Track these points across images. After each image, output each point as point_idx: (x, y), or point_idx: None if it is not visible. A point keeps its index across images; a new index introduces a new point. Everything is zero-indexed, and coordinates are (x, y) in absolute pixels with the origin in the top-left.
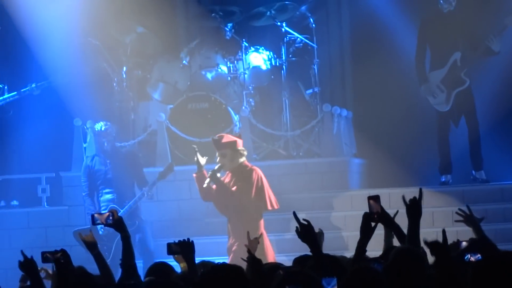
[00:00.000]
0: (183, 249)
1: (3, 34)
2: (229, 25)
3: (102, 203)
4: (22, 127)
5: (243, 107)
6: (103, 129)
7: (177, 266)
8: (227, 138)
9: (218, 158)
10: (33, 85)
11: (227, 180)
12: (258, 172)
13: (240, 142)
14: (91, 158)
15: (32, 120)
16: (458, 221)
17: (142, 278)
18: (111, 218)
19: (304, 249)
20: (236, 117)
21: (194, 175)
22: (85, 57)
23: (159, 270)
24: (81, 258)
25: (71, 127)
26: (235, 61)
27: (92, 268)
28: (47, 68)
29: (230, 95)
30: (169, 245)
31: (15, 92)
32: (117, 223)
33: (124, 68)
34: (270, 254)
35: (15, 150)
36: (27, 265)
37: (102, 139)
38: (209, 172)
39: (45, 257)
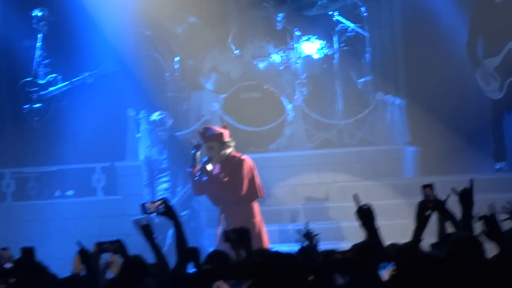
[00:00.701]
0: (240, 237)
1: (56, 24)
2: (280, 14)
3: (159, 192)
4: (76, 117)
5: (296, 96)
6: (158, 118)
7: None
8: (213, 130)
9: (206, 151)
10: (86, 74)
11: (217, 171)
12: (248, 162)
13: (226, 134)
14: (150, 148)
15: (86, 110)
16: (506, 219)
17: None
18: (162, 206)
19: (354, 238)
20: (289, 106)
21: (189, 170)
22: (137, 47)
23: (217, 257)
24: (138, 247)
25: (124, 116)
26: (287, 51)
27: (149, 257)
28: (100, 56)
29: (282, 85)
30: (226, 233)
31: (68, 82)
32: (168, 211)
33: (177, 58)
34: (265, 240)
35: (69, 140)
36: (83, 256)
37: (158, 129)
38: (200, 166)
39: (102, 248)
